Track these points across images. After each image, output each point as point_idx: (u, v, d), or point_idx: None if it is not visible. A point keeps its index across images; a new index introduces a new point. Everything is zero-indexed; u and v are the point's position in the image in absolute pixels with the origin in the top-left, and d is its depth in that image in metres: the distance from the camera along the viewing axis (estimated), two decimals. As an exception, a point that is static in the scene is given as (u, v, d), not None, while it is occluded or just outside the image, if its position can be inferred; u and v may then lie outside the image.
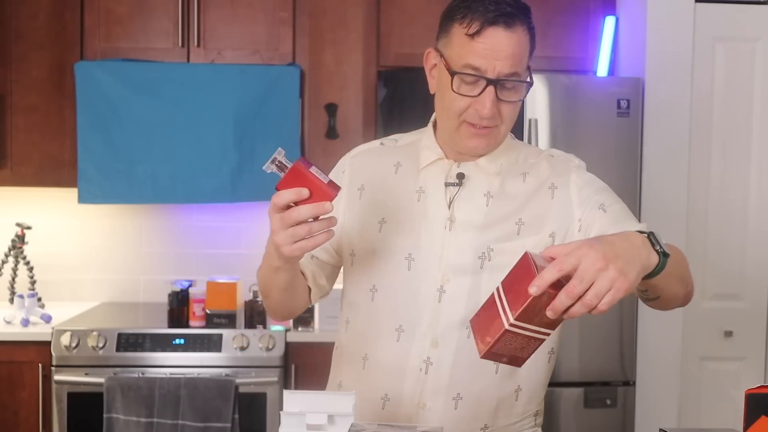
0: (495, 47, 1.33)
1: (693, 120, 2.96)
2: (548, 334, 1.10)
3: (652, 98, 2.92)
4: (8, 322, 2.89)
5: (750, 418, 1.23)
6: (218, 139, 3.03)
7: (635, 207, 2.89)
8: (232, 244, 3.40)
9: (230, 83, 3.03)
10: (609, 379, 2.90)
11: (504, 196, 1.44)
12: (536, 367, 1.47)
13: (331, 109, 3.11)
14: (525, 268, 1.07)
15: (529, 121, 2.81)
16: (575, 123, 2.85)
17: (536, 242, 1.41)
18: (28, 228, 3.19)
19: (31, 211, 3.33)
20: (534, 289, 1.03)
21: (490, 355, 1.10)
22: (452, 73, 1.36)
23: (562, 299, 1.04)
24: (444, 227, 1.43)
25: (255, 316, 2.87)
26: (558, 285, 1.04)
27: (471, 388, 1.43)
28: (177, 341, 2.79)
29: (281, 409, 1.23)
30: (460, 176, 1.44)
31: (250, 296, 2.90)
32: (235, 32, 3.12)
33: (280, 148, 1.23)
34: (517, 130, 2.83)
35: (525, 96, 1.41)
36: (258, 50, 3.13)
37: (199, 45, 3.11)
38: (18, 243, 3.16)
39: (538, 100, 2.83)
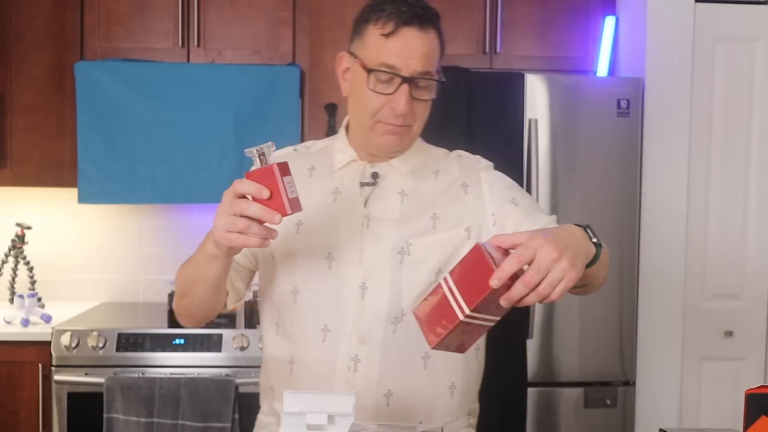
0: (409, 46, 1.38)
1: (693, 120, 2.96)
2: (496, 321, 1.14)
3: (652, 98, 2.92)
4: (8, 322, 2.89)
5: (750, 418, 1.23)
6: (218, 139, 3.03)
7: (635, 207, 2.90)
8: (232, 244, 3.39)
9: (230, 83, 3.03)
10: (609, 379, 2.90)
11: (417, 194, 1.49)
12: (467, 362, 1.50)
13: (331, 109, 3.11)
14: (479, 260, 1.08)
15: (529, 121, 2.81)
16: (575, 123, 2.85)
17: (452, 236, 1.45)
18: (28, 228, 3.19)
19: (31, 211, 3.33)
20: (495, 282, 1.05)
21: (440, 345, 1.11)
22: (368, 71, 1.40)
23: (518, 289, 1.07)
24: (361, 225, 1.46)
25: (255, 316, 2.87)
26: (512, 276, 1.07)
27: (401, 385, 1.44)
28: (177, 341, 2.79)
29: (281, 409, 1.23)
30: (375, 175, 1.49)
31: (250, 296, 2.90)
32: (235, 32, 3.12)
33: (271, 143, 1.22)
34: (518, 130, 2.84)
35: (435, 96, 1.45)
36: (258, 50, 3.13)
37: (199, 45, 3.12)
38: (18, 243, 3.16)
39: (538, 100, 2.83)
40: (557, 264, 1.07)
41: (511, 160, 2.81)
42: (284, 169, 1.20)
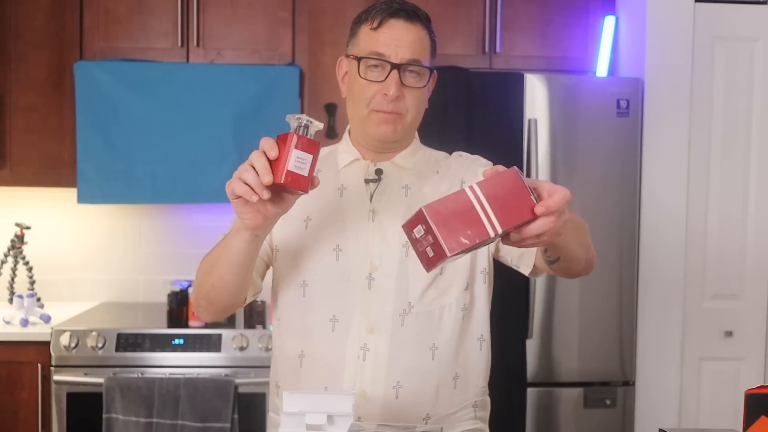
0: (396, 35, 1.45)
1: (693, 120, 2.96)
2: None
3: (651, 98, 2.92)
4: (7, 323, 2.89)
5: (750, 418, 1.23)
6: (218, 139, 3.03)
7: (635, 207, 2.90)
8: (232, 244, 3.39)
9: (229, 83, 3.03)
10: (609, 379, 2.90)
11: (420, 190, 1.54)
12: (467, 353, 1.52)
13: (331, 109, 3.11)
14: (517, 186, 1.09)
15: (529, 121, 2.81)
16: (575, 123, 2.85)
17: None
18: (28, 228, 3.19)
19: (30, 211, 3.33)
20: (542, 210, 1.09)
21: (450, 256, 1.07)
22: (358, 60, 1.47)
23: (541, 225, 1.12)
24: (367, 219, 1.50)
25: (254, 316, 2.87)
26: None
27: (409, 376, 1.46)
28: (176, 341, 2.79)
29: (281, 409, 1.23)
30: (378, 172, 1.54)
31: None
32: (234, 32, 3.12)
33: (321, 123, 1.24)
34: (517, 130, 2.84)
35: (428, 85, 1.51)
36: (257, 50, 3.13)
37: (198, 45, 3.11)
38: (17, 243, 3.16)
39: (537, 100, 2.83)
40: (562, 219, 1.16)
41: (510, 160, 2.79)
42: (305, 144, 1.20)
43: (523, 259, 1.53)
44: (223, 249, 1.40)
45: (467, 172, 1.57)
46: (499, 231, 1.07)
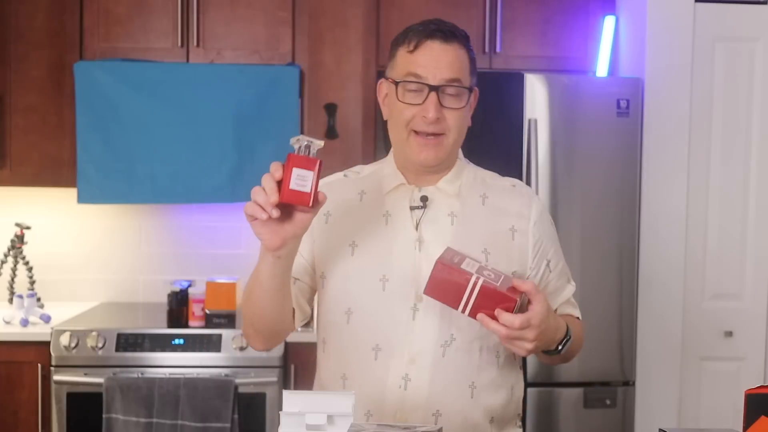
0: (433, 56, 1.44)
1: (693, 120, 2.96)
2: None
3: (651, 98, 2.92)
4: (7, 323, 2.89)
5: (750, 418, 1.23)
6: (218, 139, 3.03)
7: (635, 207, 2.90)
8: (232, 244, 3.40)
9: (229, 83, 3.02)
10: (609, 379, 2.89)
11: (465, 217, 1.53)
12: (509, 395, 1.55)
13: (331, 109, 3.11)
14: (505, 299, 1.33)
15: (529, 121, 2.81)
16: (575, 123, 2.85)
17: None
18: (28, 228, 3.19)
19: (30, 211, 3.33)
20: (503, 330, 1.33)
21: (432, 292, 1.37)
22: (396, 83, 1.46)
23: (498, 328, 1.34)
24: (414, 248, 1.49)
25: (254, 316, 2.87)
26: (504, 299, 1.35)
27: (448, 408, 1.47)
28: (176, 341, 2.79)
29: (280, 409, 1.23)
30: (424, 199, 1.52)
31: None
32: (234, 32, 3.12)
33: (321, 142, 1.29)
34: (517, 130, 2.84)
35: (469, 104, 1.51)
36: (257, 50, 3.13)
37: (198, 45, 3.11)
38: (17, 243, 3.16)
39: (537, 100, 2.83)
40: (529, 344, 1.34)
41: (510, 160, 2.81)
42: (303, 162, 1.27)
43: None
44: (254, 276, 1.42)
45: (518, 220, 1.54)
46: (465, 313, 1.35)
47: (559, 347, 1.45)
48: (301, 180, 1.26)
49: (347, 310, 1.50)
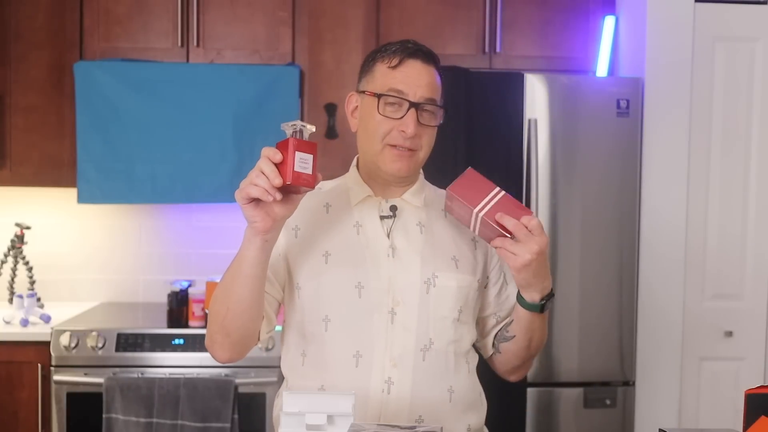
0: (414, 75, 1.51)
1: (693, 120, 2.96)
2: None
3: (651, 98, 2.92)
4: (7, 323, 2.89)
5: (750, 418, 1.23)
6: (218, 138, 3.03)
7: (635, 207, 2.89)
8: (232, 244, 3.36)
9: (229, 83, 3.03)
10: (609, 379, 2.89)
11: (432, 228, 1.59)
12: (483, 405, 1.61)
13: (331, 109, 3.11)
14: (522, 210, 1.42)
15: (529, 121, 2.81)
16: (575, 123, 2.84)
17: (470, 281, 1.57)
18: (28, 228, 3.19)
19: (30, 211, 3.33)
20: (517, 224, 1.40)
21: (455, 189, 1.45)
22: (378, 96, 1.51)
23: (515, 223, 1.40)
24: (387, 255, 1.53)
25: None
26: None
27: (430, 412, 1.49)
28: (176, 341, 2.79)
29: (281, 409, 1.23)
30: (393, 208, 1.58)
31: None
32: (234, 32, 3.12)
33: (313, 126, 1.34)
34: (517, 130, 2.84)
35: (439, 123, 1.57)
36: (257, 50, 3.13)
37: (198, 45, 3.11)
38: (17, 243, 3.16)
39: (537, 100, 2.83)
40: (529, 253, 1.39)
41: (510, 160, 2.80)
42: (304, 145, 1.31)
43: (486, 342, 1.67)
44: (236, 267, 1.43)
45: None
46: (479, 214, 1.41)
47: (544, 301, 1.49)
48: (304, 162, 1.31)
49: (324, 317, 1.51)
